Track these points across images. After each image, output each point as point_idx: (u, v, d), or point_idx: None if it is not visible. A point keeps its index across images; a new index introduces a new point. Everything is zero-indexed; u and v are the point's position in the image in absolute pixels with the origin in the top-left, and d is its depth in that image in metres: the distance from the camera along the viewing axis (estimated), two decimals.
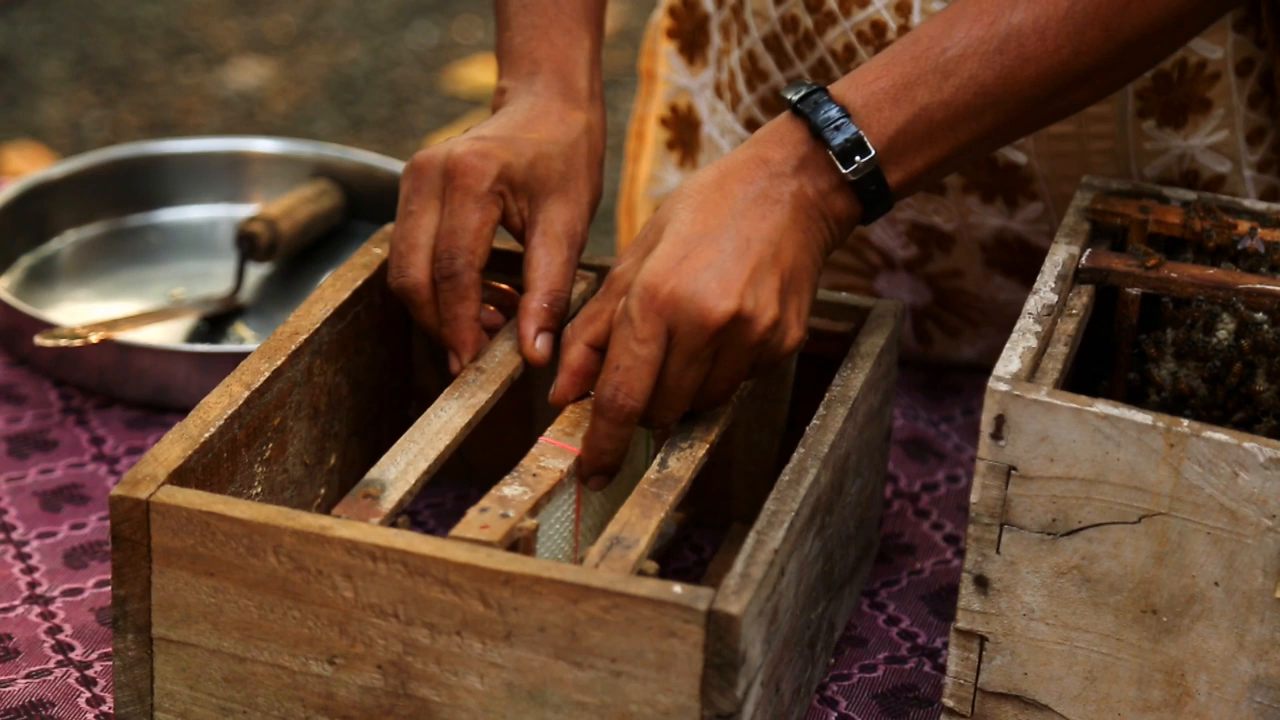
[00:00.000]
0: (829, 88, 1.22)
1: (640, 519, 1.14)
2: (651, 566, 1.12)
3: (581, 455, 1.20)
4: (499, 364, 1.26)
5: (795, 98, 1.21)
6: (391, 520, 1.14)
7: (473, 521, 1.13)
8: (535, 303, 1.28)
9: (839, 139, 1.20)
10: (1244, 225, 1.27)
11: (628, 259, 1.21)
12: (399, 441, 1.19)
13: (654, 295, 1.16)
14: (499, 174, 1.27)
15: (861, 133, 1.20)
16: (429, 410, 1.22)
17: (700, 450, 1.20)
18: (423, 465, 1.17)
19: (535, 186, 1.29)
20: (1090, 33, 1.21)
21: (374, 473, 1.16)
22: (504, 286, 1.34)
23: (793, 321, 1.20)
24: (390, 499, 1.14)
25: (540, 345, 1.27)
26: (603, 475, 1.21)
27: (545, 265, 1.28)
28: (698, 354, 1.17)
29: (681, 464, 1.19)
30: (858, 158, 1.20)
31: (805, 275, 1.21)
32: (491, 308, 1.31)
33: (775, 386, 1.31)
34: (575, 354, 1.22)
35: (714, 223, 1.18)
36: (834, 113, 1.20)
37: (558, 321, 1.28)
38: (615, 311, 1.20)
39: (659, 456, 1.20)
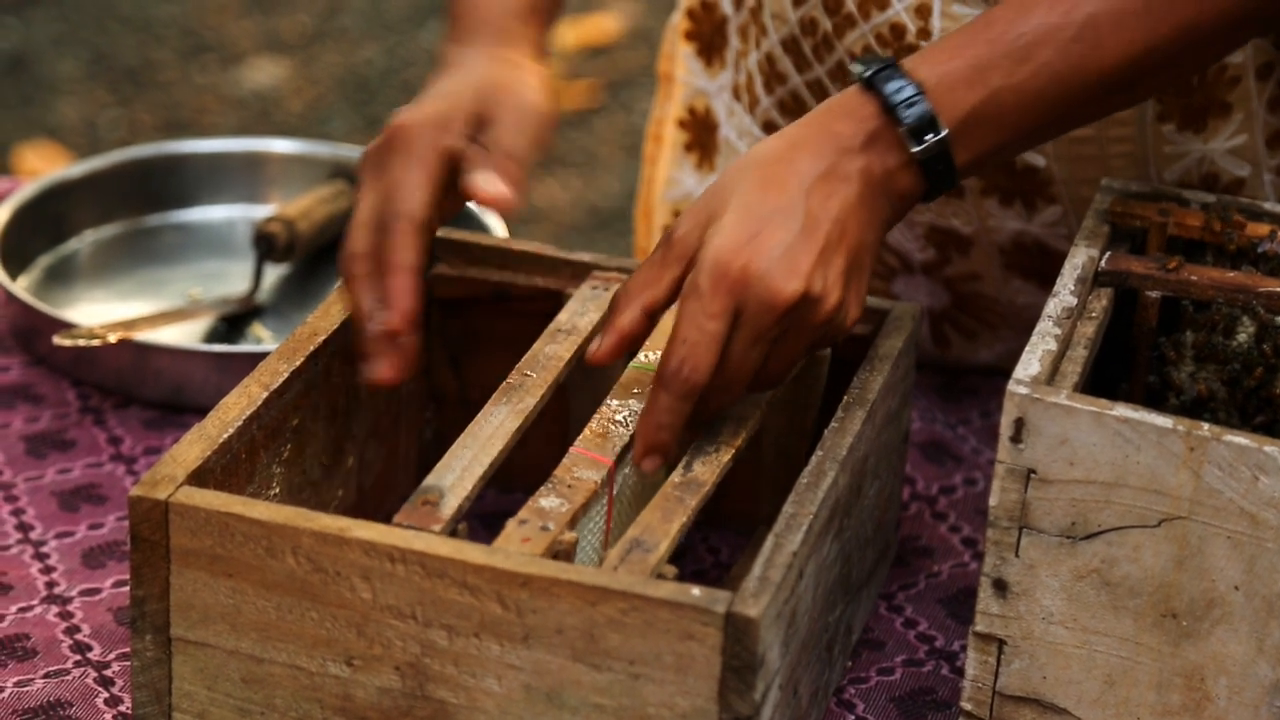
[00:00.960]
0: (901, 63, 1.21)
1: (661, 522, 1.14)
2: (670, 570, 1.12)
3: (638, 432, 1.19)
4: (544, 368, 1.26)
5: (867, 72, 1.21)
6: (453, 526, 1.14)
7: (513, 534, 1.12)
8: (482, 159, 1.28)
9: (911, 116, 1.20)
10: (1264, 228, 1.27)
11: (689, 223, 1.19)
12: (452, 448, 1.19)
13: (725, 272, 1.16)
14: (434, 126, 1.28)
15: (934, 111, 1.20)
16: (479, 416, 1.21)
17: (726, 455, 1.20)
18: (479, 471, 1.17)
19: (482, 112, 1.30)
20: (1164, 27, 1.21)
21: (431, 479, 1.16)
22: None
23: (853, 302, 1.20)
24: (450, 505, 1.14)
25: (482, 181, 1.27)
26: (657, 455, 1.19)
27: (501, 139, 1.29)
28: (764, 334, 1.17)
29: (706, 468, 1.19)
30: (928, 136, 1.20)
31: (867, 254, 1.20)
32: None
33: (806, 392, 1.31)
34: (628, 318, 1.20)
35: (782, 199, 1.18)
36: (907, 90, 1.20)
37: (509, 176, 1.28)
38: (678, 280, 1.19)
39: (684, 460, 1.19)
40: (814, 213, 1.18)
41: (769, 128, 1.51)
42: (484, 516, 1.39)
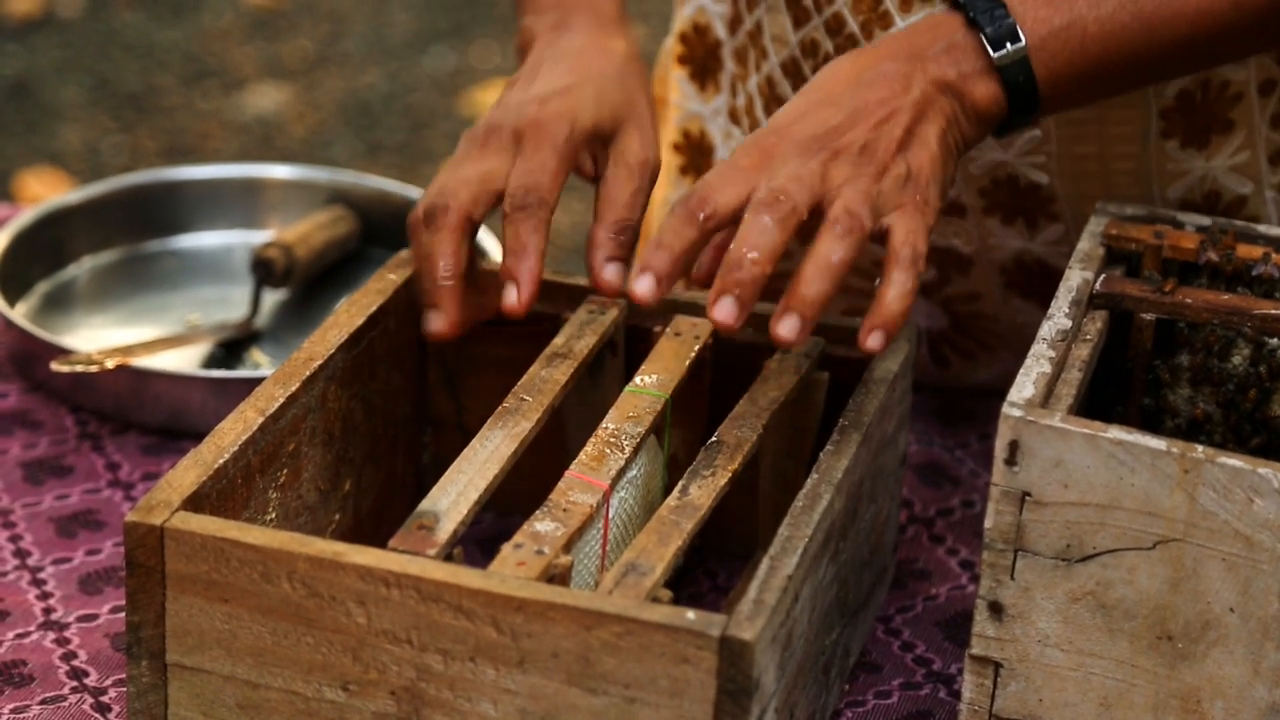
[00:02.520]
0: None
1: (657, 546, 1.14)
2: (666, 594, 1.12)
3: (726, 257, 1.18)
4: (541, 392, 1.26)
5: None
6: (448, 550, 1.14)
7: (508, 558, 1.12)
8: (603, 233, 1.29)
9: (991, 26, 1.23)
10: (1258, 251, 1.27)
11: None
12: (448, 472, 1.19)
13: (759, 139, 1.20)
14: (571, 130, 1.28)
15: (1016, 24, 1.23)
16: (475, 440, 1.22)
17: (722, 479, 1.20)
18: (474, 495, 1.17)
19: (605, 127, 1.31)
20: None
21: (426, 504, 1.16)
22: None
23: (917, 164, 1.22)
24: (445, 529, 1.14)
25: (610, 274, 1.28)
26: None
27: (614, 196, 1.30)
28: (802, 177, 1.19)
29: (703, 492, 1.19)
30: (1008, 44, 1.24)
31: (925, 150, 1.23)
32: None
33: (803, 415, 1.31)
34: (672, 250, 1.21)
35: (839, 87, 1.22)
36: (992, 4, 1.24)
37: (627, 251, 1.29)
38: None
39: (680, 484, 1.19)
40: (869, 101, 1.21)
41: None
42: (482, 541, 1.40)
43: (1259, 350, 1.22)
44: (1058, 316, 1.21)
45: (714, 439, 1.22)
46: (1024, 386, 1.14)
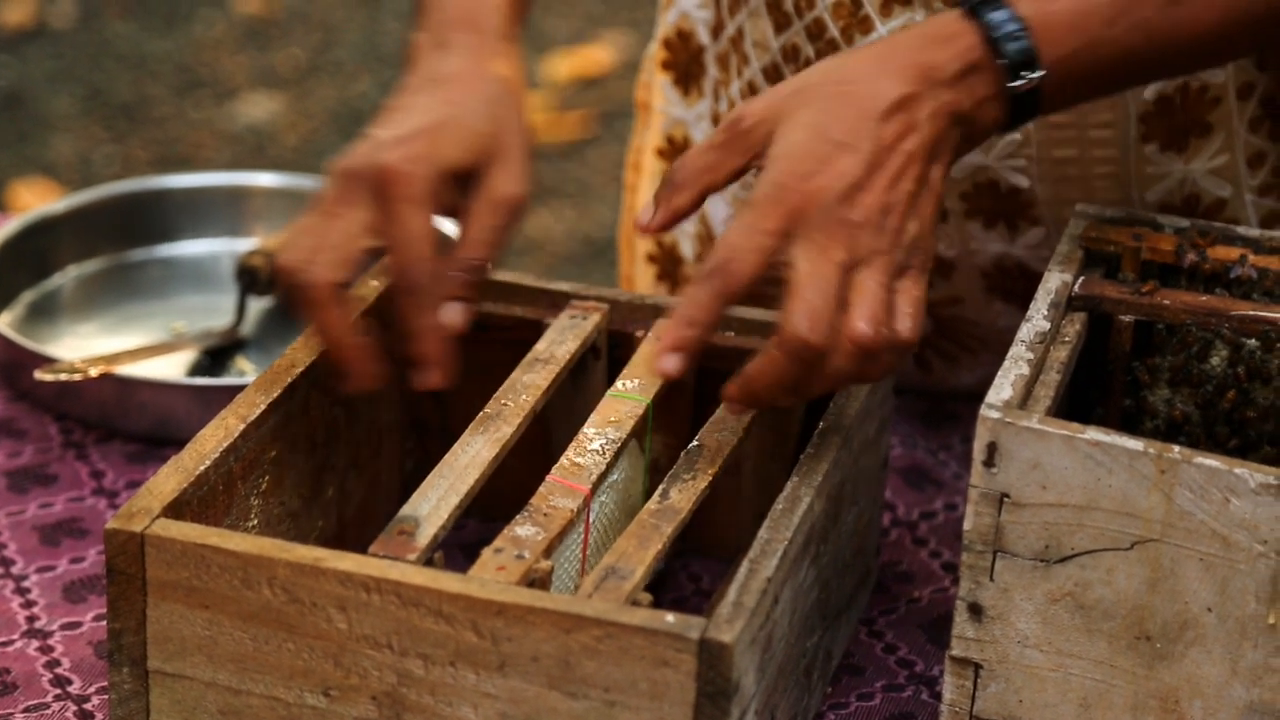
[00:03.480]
0: None
1: (637, 550, 1.15)
2: (645, 598, 1.12)
3: (667, 328, 1.17)
4: (522, 397, 1.26)
5: None
6: (428, 556, 1.14)
7: (488, 563, 1.13)
8: (449, 269, 1.25)
9: (1013, 51, 1.19)
10: (1235, 252, 1.27)
11: (759, 113, 1.18)
12: (429, 478, 1.19)
13: (785, 197, 1.15)
14: (435, 175, 1.24)
15: (1036, 49, 1.20)
16: (456, 445, 1.22)
17: (702, 482, 1.20)
18: (454, 500, 1.18)
19: (468, 164, 1.26)
20: None
21: (406, 510, 1.16)
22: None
23: (924, 232, 1.18)
24: (425, 534, 1.14)
25: (450, 314, 1.25)
26: (680, 354, 1.17)
27: (468, 233, 1.26)
28: (831, 259, 1.15)
29: (683, 496, 1.19)
30: (1025, 73, 1.20)
31: (934, 188, 1.19)
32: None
33: (785, 418, 1.31)
34: (685, 199, 1.20)
35: (857, 124, 1.17)
36: (1012, 24, 1.20)
37: (469, 291, 1.26)
38: (738, 170, 1.19)
39: (661, 488, 1.20)
40: (885, 144, 1.17)
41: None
42: (465, 545, 1.40)
43: (1237, 351, 1.22)
44: (1036, 319, 1.22)
45: (695, 443, 1.23)
46: (1002, 388, 1.14)
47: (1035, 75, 1.20)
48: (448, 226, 1.57)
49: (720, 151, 1.19)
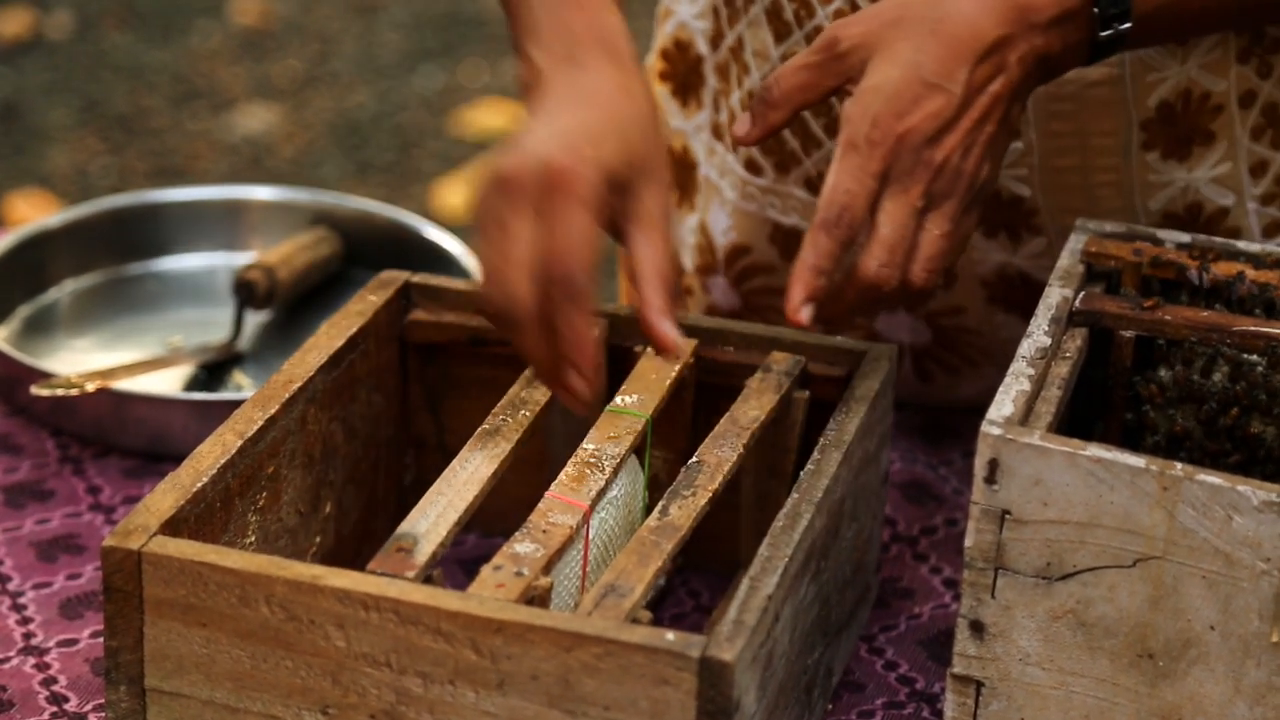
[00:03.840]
0: None
1: (637, 567, 1.14)
2: (645, 615, 1.12)
3: (794, 281, 1.22)
4: (520, 412, 1.26)
5: None
6: (427, 573, 1.13)
7: (488, 580, 1.12)
8: (655, 297, 1.19)
9: (1110, 1, 1.24)
10: (1237, 267, 1.27)
11: (856, 36, 1.23)
12: (427, 494, 1.18)
13: (885, 136, 1.21)
14: (598, 175, 1.17)
15: (1130, 1, 1.24)
16: (454, 461, 1.21)
17: (702, 499, 1.20)
18: (453, 517, 1.17)
19: (626, 174, 1.20)
20: None
21: (405, 526, 1.16)
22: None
23: (993, 172, 1.24)
24: (424, 551, 1.14)
25: (673, 334, 1.20)
26: (814, 302, 1.22)
27: (650, 254, 1.20)
28: (912, 198, 1.22)
29: (683, 512, 1.19)
30: (1116, 24, 1.24)
31: (1010, 125, 1.25)
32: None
33: (784, 434, 1.31)
34: (780, 116, 1.25)
35: (952, 65, 1.21)
36: None
37: (675, 308, 1.22)
38: (831, 90, 1.24)
39: (660, 504, 1.19)
40: (975, 86, 1.21)
41: (751, 166, 1.51)
42: (464, 562, 1.39)
43: (1238, 367, 1.22)
44: (1037, 334, 1.21)
45: (694, 459, 1.22)
46: (1003, 405, 1.14)
47: (1123, 26, 1.24)
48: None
49: (815, 71, 1.23)
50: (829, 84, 1.24)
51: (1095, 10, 1.23)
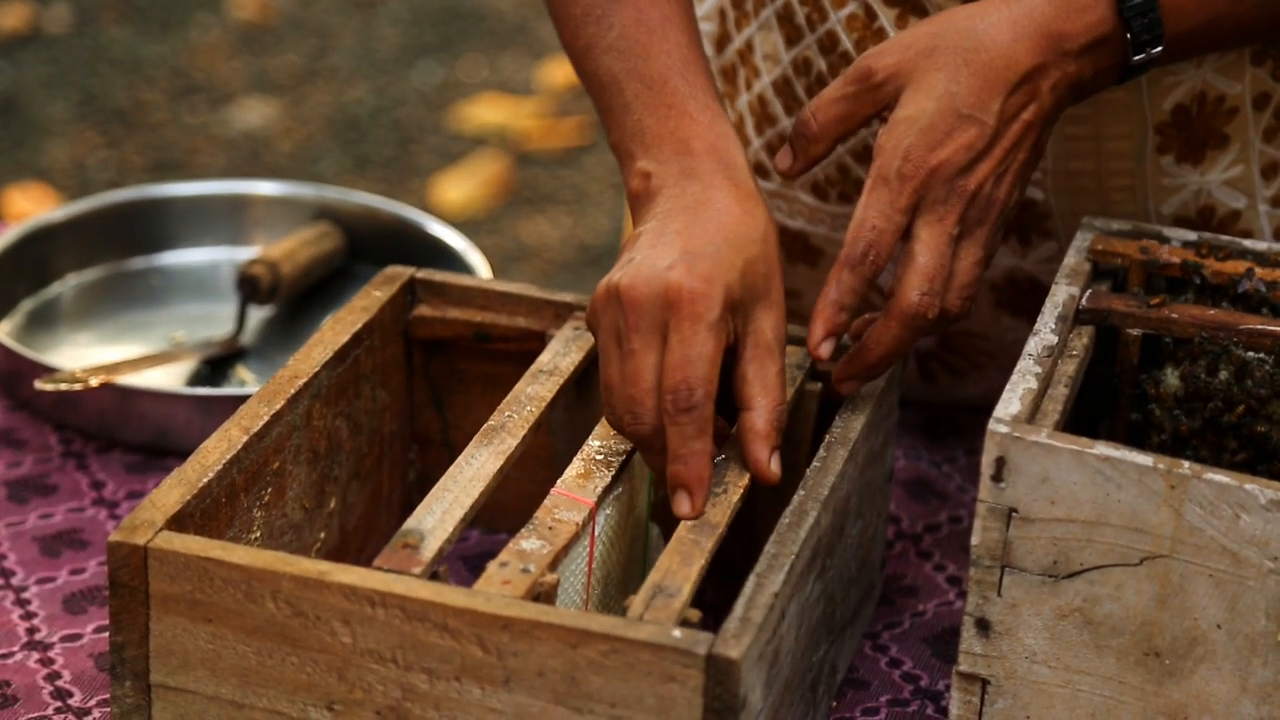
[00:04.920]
0: None
1: (681, 567, 1.14)
2: (694, 615, 1.11)
3: (816, 316, 1.22)
4: (526, 409, 1.26)
5: None
6: (433, 569, 1.13)
7: (494, 576, 1.12)
8: (763, 423, 1.20)
9: (1142, 27, 1.23)
10: (1243, 265, 1.27)
11: (890, 65, 1.23)
12: (433, 490, 1.18)
13: (916, 171, 1.21)
14: (724, 299, 1.18)
15: (1163, 26, 1.24)
16: (460, 458, 1.21)
17: (735, 495, 1.19)
18: (459, 513, 1.17)
19: (746, 298, 1.21)
20: None
21: (411, 523, 1.15)
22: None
23: (1018, 196, 1.25)
24: (430, 548, 1.14)
25: (775, 466, 1.21)
26: (834, 338, 1.23)
27: (763, 380, 1.21)
28: (947, 228, 1.22)
29: (717, 510, 1.18)
30: (1149, 50, 1.24)
31: (1039, 151, 1.25)
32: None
33: (796, 429, 1.31)
34: (822, 148, 1.26)
35: (985, 97, 1.22)
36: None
37: (782, 436, 1.22)
38: (867, 117, 1.24)
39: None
40: (1008, 116, 1.22)
41: (758, 170, 1.51)
42: (469, 558, 1.39)
43: (1245, 365, 1.22)
44: (1044, 332, 1.21)
45: (721, 455, 1.22)
46: (1010, 403, 1.14)
47: (1155, 51, 1.24)
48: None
49: (851, 103, 1.24)
50: (865, 113, 1.24)
51: (1128, 36, 1.23)
